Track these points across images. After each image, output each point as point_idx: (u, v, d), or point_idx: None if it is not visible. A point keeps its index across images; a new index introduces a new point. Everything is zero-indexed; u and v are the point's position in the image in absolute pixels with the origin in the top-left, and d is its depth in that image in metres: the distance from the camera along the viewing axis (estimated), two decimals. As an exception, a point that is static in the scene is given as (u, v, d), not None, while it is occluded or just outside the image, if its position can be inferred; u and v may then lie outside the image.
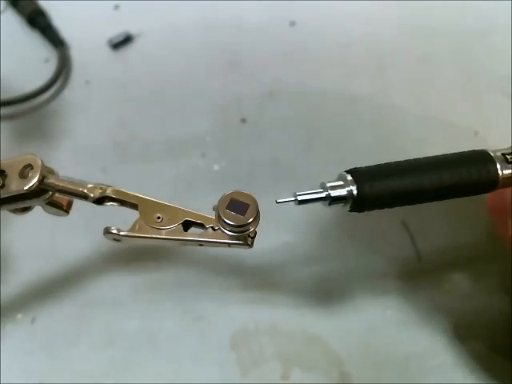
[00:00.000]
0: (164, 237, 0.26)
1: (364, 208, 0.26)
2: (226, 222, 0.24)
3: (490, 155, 0.26)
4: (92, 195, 0.26)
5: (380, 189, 0.25)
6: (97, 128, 0.40)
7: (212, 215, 0.25)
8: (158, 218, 0.26)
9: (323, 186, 0.25)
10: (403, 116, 0.40)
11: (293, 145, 0.39)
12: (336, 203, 0.25)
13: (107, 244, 0.27)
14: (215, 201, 0.25)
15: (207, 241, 0.26)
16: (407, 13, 0.45)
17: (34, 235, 0.36)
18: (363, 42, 0.43)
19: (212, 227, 0.26)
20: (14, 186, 0.26)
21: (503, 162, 0.26)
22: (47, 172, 0.26)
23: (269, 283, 0.35)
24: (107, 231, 0.26)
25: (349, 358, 0.33)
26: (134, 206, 0.26)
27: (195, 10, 0.44)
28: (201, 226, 0.26)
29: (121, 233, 0.26)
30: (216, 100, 0.41)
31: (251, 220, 0.24)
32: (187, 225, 0.26)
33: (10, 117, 0.39)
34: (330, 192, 0.25)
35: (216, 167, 0.38)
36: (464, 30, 0.44)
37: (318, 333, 0.34)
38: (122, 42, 0.43)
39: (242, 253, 0.28)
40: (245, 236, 0.25)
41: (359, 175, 0.25)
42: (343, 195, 0.25)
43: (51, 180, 0.26)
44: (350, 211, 0.26)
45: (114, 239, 0.26)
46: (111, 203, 0.27)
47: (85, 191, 0.26)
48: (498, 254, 0.34)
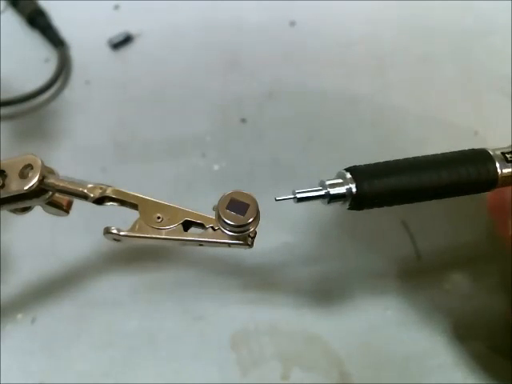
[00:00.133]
0: (164, 237, 0.26)
1: (363, 206, 0.26)
2: (226, 222, 0.24)
3: (490, 154, 0.26)
4: (92, 195, 0.26)
5: (379, 187, 0.25)
6: (97, 128, 0.40)
7: (212, 215, 0.25)
8: (158, 218, 0.26)
9: (322, 184, 0.25)
10: (403, 116, 0.40)
11: (293, 145, 0.39)
12: (335, 201, 0.25)
13: (107, 244, 0.27)
14: (215, 201, 0.25)
15: (207, 241, 0.26)
16: (407, 13, 0.45)
17: (34, 235, 0.36)
18: (363, 42, 0.43)
19: (212, 227, 0.26)
20: (14, 186, 0.26)
21: (502, 161, 0.26)
22: (47, 172, 0.26)
23: (269, 283, 0.35)
24: (107, 231, 0.26)
25: (349, 358, 0.33)
26: (134, 206, 0.26)
27: (195, 10, 0.44)
28: (201, 226, 0.26)
29: (121, 233, 0.26)
30: (216, 100, 0.41)
31: (251, 220, 0.24)
32: (187, 225, 0.26)
33: (10, 117, 0.39)
34: (329, 190, 0.25)
35: (216, 167, 0.38)
36: (464, 30, 0.44)
37: (318, 333, 0.34)
38: (122, 42, 0.43)
39: (242, 253, 0.28)
40: (245, 236, 0.25)
41: (358, 173, 0.25)
42: (342, 193, 0.25)
43: (51, 180, 0.26)
44: (349, 209, 0.26)
45: (114, 239, 0.26)
46: (111, 203, 0.27)
47: (85, 191, 0.26)
48: (498, 254, 0.34)
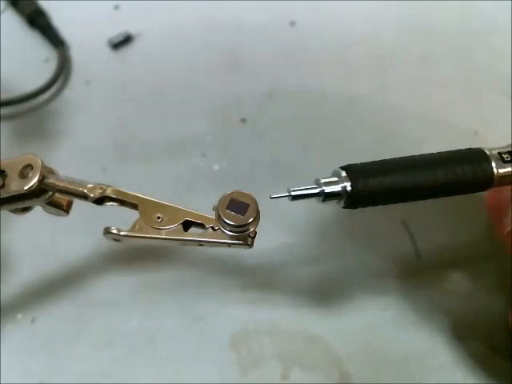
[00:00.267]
0: (164, 237, 0.26)
1: (358, 204, 0.26)
2: (226, 222, 0.24)
3: (486, 154, 0.26)
4: (92, 195, 0.26)
5: (374, 185, 0.25)
6: (97, 128, 0.40)
7: (212, 215, 0.25)
8: (158, 218, 0.26)
9: (317, 182, 0.25)
10: (403, 116, 0.40)
11: (293, 145, 0.39)
12: (330, 199, 0.25)
13: (107, 244, 0.27)
14: (215, 201, 0.25)
15: (207, 241, 0.26)
16: (407, 13, 0.45)
17: (34, 235, 0.36)
18: (363, 42, 0.43)
19: (212, 227, 0.26)
20: (14, 186, 0.26)
21: (499, 161, 0.26)
22: (47, 172, 0.26)
23: (269, 283, 0.35)
24: (107, 231, 0.26)
25: (349, 358, 0.33)
26: (134, 206, 0.26)
27: (195, 10, 0.44)
28: (201, 226, 0.26)
29: (121, 233, 0.26)
30: (216, 100, 0.41)
31: (251, 220, 0.24)
32: (187, 225, 0.26)
33: (10, 117, 0.39)
34: (324, 188, 0.25)
35: (216, 167, 0.38)
36: (464, 30, 0.44)
37: (318, 333, 0.34)
38: (122, 42, 0.43)
39: (242, 253, 0.28)
40: (245, 236, 0.25)
41: (353, 172, 0.25)
42: (337, 191, 0.25)
43: (51, 180, 0.26)
44: (344, 207, 0.26)
45: (114, 239, 0.26)
46: (111, 203, 0.27)
47: (85, 191, 0.26)
48: (497, 253, 0.34)
